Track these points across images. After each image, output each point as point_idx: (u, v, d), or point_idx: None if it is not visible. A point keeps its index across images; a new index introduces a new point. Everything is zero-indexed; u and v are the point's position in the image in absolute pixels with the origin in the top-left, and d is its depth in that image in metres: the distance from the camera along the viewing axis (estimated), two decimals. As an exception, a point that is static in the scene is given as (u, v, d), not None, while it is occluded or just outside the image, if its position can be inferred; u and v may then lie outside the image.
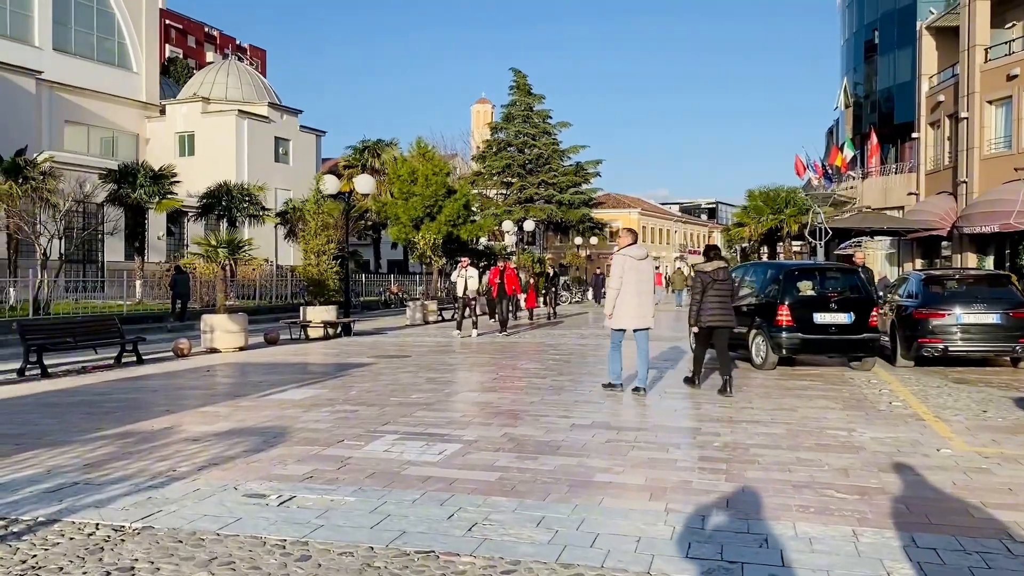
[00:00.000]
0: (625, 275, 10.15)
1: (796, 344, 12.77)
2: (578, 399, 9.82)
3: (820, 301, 13.05)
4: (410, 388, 10.73)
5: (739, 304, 13.49)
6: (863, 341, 12.92)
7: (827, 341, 12.98)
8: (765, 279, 14.00)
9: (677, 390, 10.66)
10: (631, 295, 10.13)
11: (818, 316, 12.80)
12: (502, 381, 11.48)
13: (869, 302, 13.23)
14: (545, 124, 66.43)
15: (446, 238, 40.32)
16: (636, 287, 10.16)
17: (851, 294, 13.33)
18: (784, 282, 13.24)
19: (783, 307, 12.77)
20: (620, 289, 10.15)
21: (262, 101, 45.30)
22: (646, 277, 10.27)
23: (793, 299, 12.92)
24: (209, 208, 33.61)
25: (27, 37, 39.14)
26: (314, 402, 9.59)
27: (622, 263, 10.19)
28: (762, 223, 33.23)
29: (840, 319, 12.85)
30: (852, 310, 12.89)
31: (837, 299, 13.08)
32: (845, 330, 12.86)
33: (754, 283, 14.36)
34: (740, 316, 13.18)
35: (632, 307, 10.14)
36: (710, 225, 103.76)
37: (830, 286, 13.69)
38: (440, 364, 13.81)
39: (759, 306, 13.40)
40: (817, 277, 13.91)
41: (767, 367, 12.91)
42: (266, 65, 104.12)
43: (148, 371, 13.25)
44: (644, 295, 10.22)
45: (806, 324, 12.74)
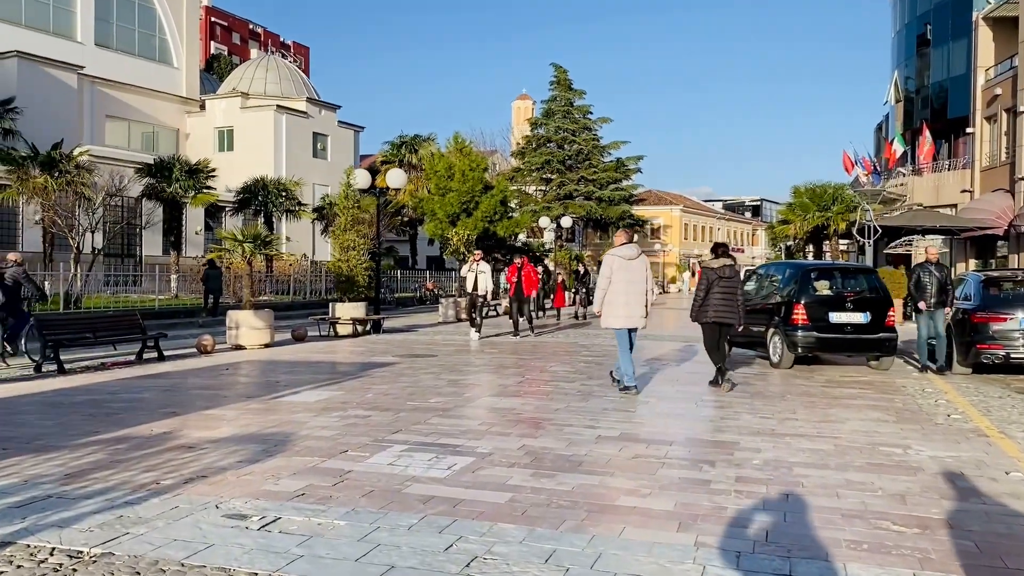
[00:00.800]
0: (614, 275, 10.12)
1: (811, 343, 12.81)
2: (607, 406, 9.17)
3: (836, 300, 13.11)
4: (429, 391, 10.18)
5: (758, 303, 13.97)
6: (880, 341, 12.98)
7: (843, 340, 13.02)
8: (783, 278, 14.05)
9: (714, 398, 9.95)
10: (620, 294, 10.09)
11: (834, 315, 12.85)
12: (527, 385, 10.87)
13: (886, 302, 13.24)
14: (585, 120, 65.56)
15: (482, 234, 39.80)
16: (626, 287, 10.09)
17: (868, 294, 13.39)
18: (801, 281, 13.30)
19: (799, 306, 12.84)
20: (608, 289, 10.12)
21: (300, 96, 45.20)
22: (637, 277, 10.17)
23: (809, 298, 12.99)
24: (245, 203, 33.51)
25: (70, 32, 39.44)
26: (327, 405, 9.08)
27: (611, 262, 10.19)
28: (808, 221, 32.08)
29: (856, 318, 12.89)
30: (868, 310, 12.94)
31: (853, 299, 13.12)
32: (861, 329, 12.90)
33: (772, 282, 14.49)
34: (759, 315, 13.64)
35: (621, 306, 10.10)
36: (754, 223, 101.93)
37: (847, 286, 13.82)
38: (465, 365, 13.25)
39: (776, 305, 13.46)
40: (835, 277, 14.07)
41: (783, 366, 12.97)
42: (309, 62, 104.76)
43: (167, 368, 12.88)
44: (634, 295, 10.13)
45: (822, 323, 12.81)
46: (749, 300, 14.53)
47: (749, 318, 14.09)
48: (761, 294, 14.52)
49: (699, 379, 11.67)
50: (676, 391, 10.53)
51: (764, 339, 13.64)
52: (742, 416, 8.71)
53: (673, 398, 9.96)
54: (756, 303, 14.09)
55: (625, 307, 10.08)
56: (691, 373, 12.49)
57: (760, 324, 13.68)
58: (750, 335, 14.06)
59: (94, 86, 39.49)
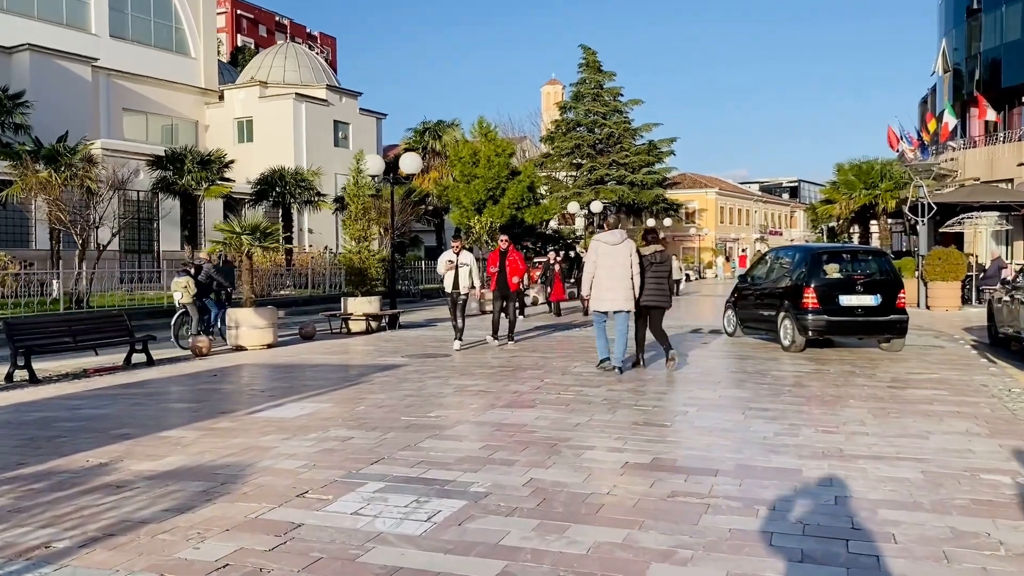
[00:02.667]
0: (599, 259, 10.57)
1: (822, 326, 12.88)
2: (636, 419, 7.71)
3: (846, 283, 13.17)
4: (431, 402, 8.80)
5: (768, 287, 14.49)
6: (891, 323, 13.04)
7: (853, 323, 13.07)
8: (793, 262, 14.19)
9: (765, 406, 8.44)
10: (605, 279, 10.53)
11: (844, 298, 12.93)
12: (545, 391, 9.43)
13: (896, 284, 13.35)
14: (616, 102, 63.74)
15: (510, 222, 38.34)
16: (610, 271, 10.51)
17: (878, 276, 13.47)
18: (811, 265, 13.37)
19: (809, 289, 12.89)
20: (594, 273, 10.59)
21: (320, 84, 44.01)
22: (621, 262, 10.51)
23: (820, 282, 13.02)
24: (263, 194, 32.38)
25: (84, 24, 38.60)
26: (306, 422, 7.74)
27: (595, 248, 10.66)
28: (854, 199, 30.12)
29: (866, 301, 12.96)
30: (879, 292, 13.02)
31: (863, 281, 13.22)
32: (871, 312, 12.96)
33: (782, 266, 14.60)
34: (769, 298, 14.17)
35: (606, 290, 10.54)
36: (792, 204, 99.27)
37: (857, 268, 13.87)
38: (478, 367, 11.84)
39: (787, 289, 13.58)
40: (845, 260, 14.11)
41: (794, 349, 13.05)
42: (336, 53, 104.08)
43: (151, 375, 11.66)
44: (619, 279, 10.51)
45: (832, 306, 12.86)
46: (758, 284, 15.17)
47: (758, 301, 14.71)
48: (771, 278, 14.73)
49: (745, 380, 10.15)
50: (719, 397, 9.04)
51: (775, 322, 13.73)
52: (801, 430, 7.21)
53: (715, 406, 8.47)
54: (766, 287, 14.63)
55: (609, 291, 10.52)
56: (735, 373, 10.96)
57: (770, 308, 13.98)
58: (760, 318, 14.56)
59: (110, 79, 38.62)
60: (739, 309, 15.58)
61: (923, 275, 23.16)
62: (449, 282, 14.32)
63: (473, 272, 14.20)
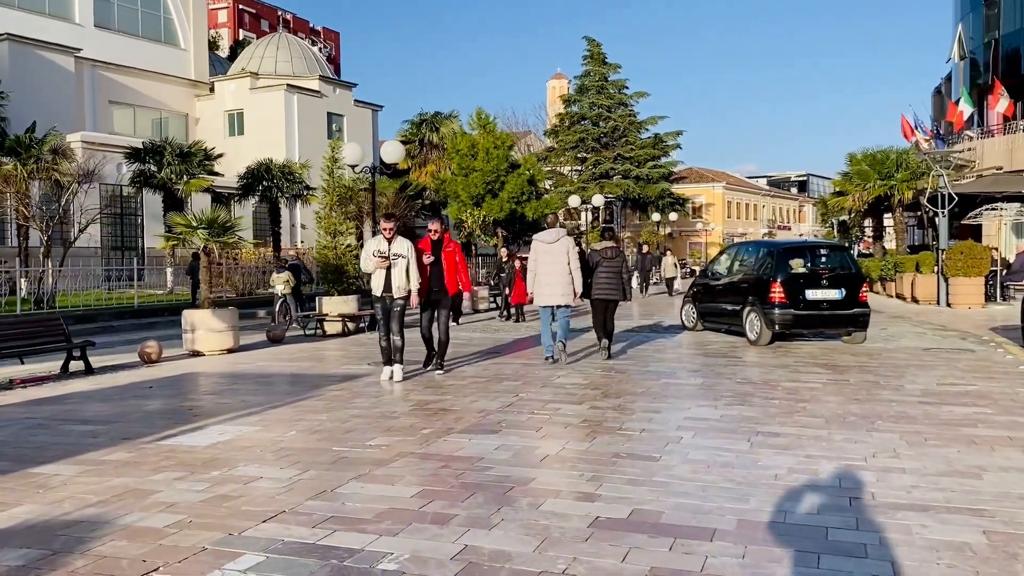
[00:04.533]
0: (539, 257, 11.10)
1: (789, 320, 13.07)
2: (619, 449, 6.30)
3: (811, 278, 13.32)
4: (378, 424, 7.41)
5: (731, 282, 14.64)
6: (854, 316, 13.34)
7: (819, 317, 13.31)
8: (757, 257, 14.26)
9: (775, 429, 7.01)
10: (543, 275, 11.03)
11: (810, 292, 13.13)
12: (516, 410, 8.02)
13: (859, 278, 13.71)
14: (621, 95, 62.25)
15: (509, 216, 37.05)
16: (548, 267, 10.99)
17: (841, 270, 13.69)
18: (777, 260, 13.53)
19: (776, 284, 13.06)
20: (536, 271, 11.14)
21: (313, 74, 42.62)
22: (559, 259, 10.96)
23: (786, 276, 13.20)
24: (249, 188, 31.03)
25: (67, 14, 37.31)
26: (215, 454, 6.36)
27: (535, 247, 11.25)
28: (868, 191, 28.55)
29: (831, 295, 13.21)
30: (843, 286, 13.28)
31: (828, 276, 13.39)
32: (836, 305, 13.22)
33: (746, 262, 14.68)
34: (732, 294, 14.32)
35: (545, 285, 11.05)
36: (800, 199, 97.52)
37: (821, 263, 13.94)
38: (451, 377, 10.44)
39: (752, 284, 13.68)
40: (808, 255, 14.18)
41: (761, 343, 13.17)
42: (340, 47, 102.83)
43: (80, 387, 10.31)
44: (557, 275, 10.97)
45: (798, 300, 13.05)
46: (720, 278, 15.21)
47: (721, 296, 14.81)
48: (735, 273, 14.79)
49: (751, 394, 8.72)
50: (719, 416, 7.61)
51: (738, 317, 13.86)
52: (820, 464, 5.80)
53: (715, 429, 7.05)
54: (729, 281, 14.72)
55: (548, 287, 11.04)
56: (741, 384, 9.52)
57: (735, 302, 14.05)
58: (723, 312, 14.65)
59: (95, 70, 37.32)
60: (699, 303, 15.68)
61: (943, 270, 21.66)
62: (379, 283, 9.89)
63: (412, 268, 9.88)
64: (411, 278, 9.92)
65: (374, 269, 9.91)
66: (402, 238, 10.03)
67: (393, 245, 9.94)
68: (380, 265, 9.81)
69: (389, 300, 9.98)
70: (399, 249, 9.92)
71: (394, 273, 9.88)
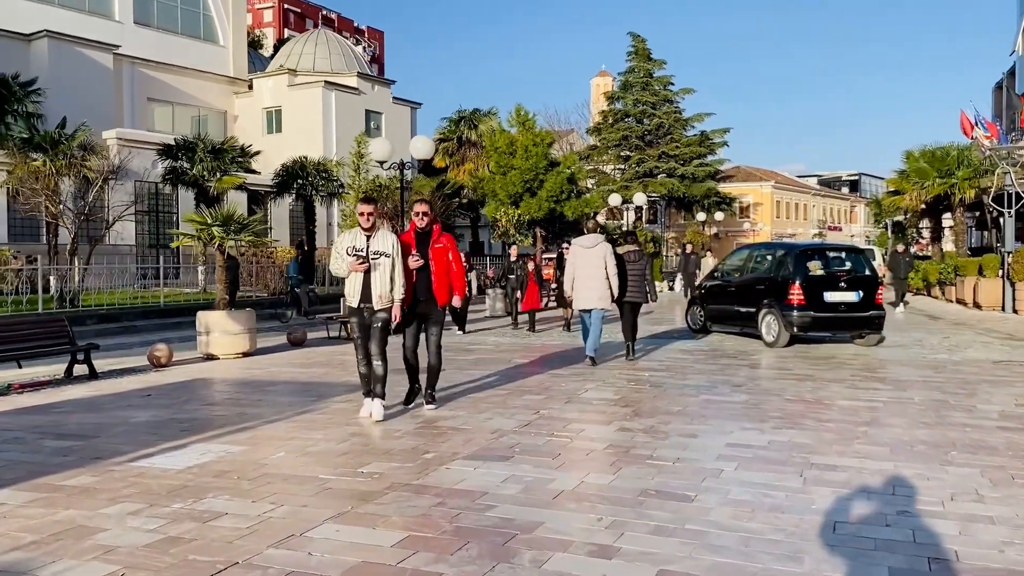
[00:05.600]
0: (576, 261, 11.22)
1: (807, 322, 13.09)
2: (648, 484, 5.39)
3: (830, 280, 13.44)
4: (377, 445, 6.59)
5: (744, 284, 14.57)
6: (870, 318, 13.38)
7: (837, 319, 13.34)
8: (773, 259, 14.36)
9: (832, 461, 6.03)
10: (581, 279, 11.13)
11: (828, 295, 13.20)
12: (535, 430, 7.14)
13: (875, 280, 13.75)
14: (666, 91, 60.80)
15: (548, 216, 36.07)
16: (585, 271, 11.10)
17: (858, 273, 13.79)
18: (795, 262, 13.56)
19: (795, 286, 13.07)
20: (574, 275, 11.21)
21: (351, 71, 42.09)
22: (596, 263, 11.06)
23: (805, 278, 13.22)
24: (284, 186, 30.55)
25: (107, 11, 37.20)
26: (186, 480, 5.60)
27: (573, 251, 11.41)
28: (926, 189, 27.06)
29: (849, 297, 13.28)
30: (860, 288, 13.37)
31: (846, 278, 13.50)
32: (853, 308, 13.27)
33: (761, 264, 14.77)
34: (746, 296, 14.19)
35: (583, 289, 11.14)
36: (852, 198, 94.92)
37: (838, 265, 14.13)
38: (468, 388, 9.59)
39: (770, 285, 13.65)
40: (826, 257, 14.29)
41: (779, 344, 13.14)
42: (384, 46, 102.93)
43: (76, 394, 9.70)
44: (595, 279, 11.05)
45: (817, 302, 13.08)
46: (732, 280, 15.13)
47: (733, 298, 14.67)
48: (749, 274, 14.78)
49: (804, 415, 7.72)
50: (767, 442, 6.65)
51: (752, 319, 13.81)
52: (887, 505, 4.85)
53: (762, 459, 6.09)
54: (742, 283, 14.65)
55: (586, 290, 11.12)
56: (791, 402, 8.52)
57: (749, 304, 13.97)
58: (735, 315, 14.50)
59: (134, 67, 37.20)
60: (709, 305, 15.42)
61: (1010, 274, 20.25)
62: (354, 291, 7.48)
63: (396, 268, 7.48)
64: (396, 284, 7.52)
65: (348, 273, 7.48)
66: (386, 232, 7.65)
67: (374, 240, 7.46)
68: (356, 268, 7.40)
69: (368, 313, 7.53)
70: (381, 246, 7.46)
71: (375, 278, 7.43)
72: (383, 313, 7.52)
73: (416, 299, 7.87)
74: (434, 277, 7.88)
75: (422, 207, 7.99)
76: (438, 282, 7.90)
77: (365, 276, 7.46)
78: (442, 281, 7.92)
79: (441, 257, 7.94)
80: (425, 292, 7.90)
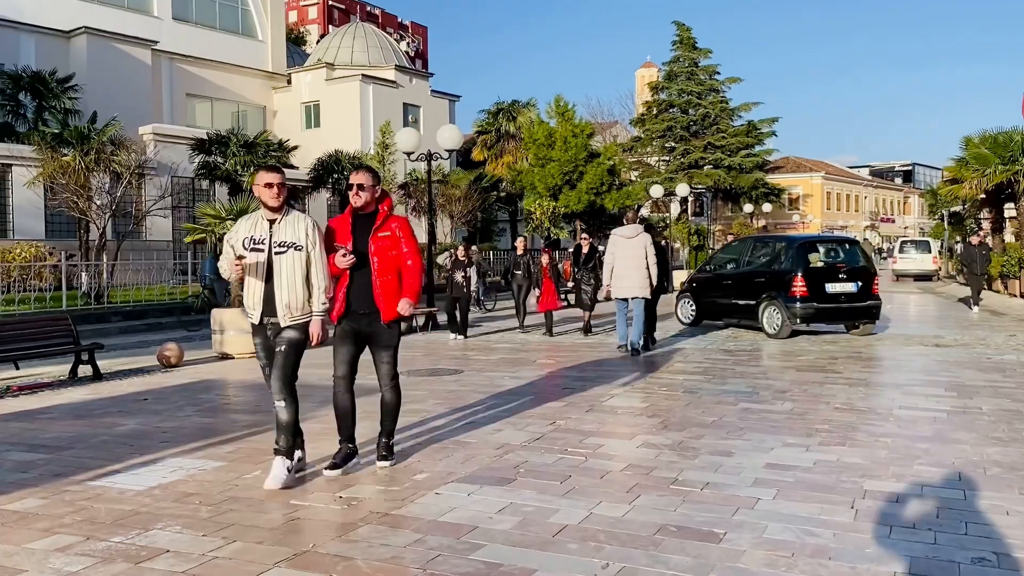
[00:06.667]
0: (617, 251, 11.40)
1: (811, 312, 13.36)
2: (668, 519, 4.57)
3: (830, 271, 13.79)
4: (346, 477, 5.86)
5: (742, 276, 14.66)
6: (868, 308, 13.79)
7: (838, 309, 13.64)
8: (773, 252, 14.59)
9: (889, 487, 5.14)
10: (622, 268, 11.32)
11: (829, 286, 13.51)
12: (546, 446, 6.36)
13: (871, 271, 14.17)
14: (712, 80, 59.32)
15: (588, 208, 35.23)
16: (626, 261, 11.29)
17: (856, 264, 14.17)
18: (798, 254, 13.84)
19: (798, 278, 13.28)
20: (614, 265, 11.41)
21: (389, 64, 41.60)
22: (637, 253, 11.24)
23: (807, 270, 13.46)
24: (319, 181, 30.16)
25: (146, 7, 37.22)
26: (142, 504, 4.93)
27: (614, 241, 11.55)
28: (987, 177, 25.56)
29: (848, 288, 13.63)
30: (858, 279, 13.74)
31: (845, 269, 13.84)
32: (852, 298, 13.65)
33: (759, 257, 14.88)
34: (744, 289, 14.29)
35: (624, 279, 11.32)
36: (906, 189, 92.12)
37: (836, 257, 14.37)
38: (483, 385, 8.83)
39: (770, 278, 13.89)
40: (823, 249, 14.58)
41: (781, 335, 13.36)
42: (427, 42, 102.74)
43: (72, 397, 9.17)
44: (635, 269, 11.24)
45: (819, 293, 13.37)
46: (727, 273, 15.25)
47: (729, 291, 14.72)
48: (746, 266, 14.87)
49: (855, 427, 6.80)
50: (813, 464, 5.76)
51: (752, 311, 14.00)
52: (957, 550, 3.98)
53: (805, 484, 5.22)
54: (739, 275, 14.76)
55: (626, 279, 11.31)
56: (841, 411, 7.60)
57: (748, 296, 14.10)
58: (732, 307, 14.62)
59: (172, 63, 37.17)
60: (701, 299, 15.44)
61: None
62: (255, 299, 5.40)
63: (315, 266, 5.39)
64: (314, 289, 5.32)
65: (234, 277, 5.34)
66: (299, 215, 5.41)
67: (279, 228, 5.29)
68: (235, 268, 5.20)
69: (273, 331, 5.33)
70: (289, 235, 5.27)
71: (279, 281, 5.24)
72: (292, 332, 5.25)
73: (352, 311, 5.52)
74: (377, 280, 5.44)
75: (359, 177, 5.53)
76: (384, 287, 5.46)
77: (266, 278, 5.23)
78: (390, 286, 5.49)
79: (384, 250, 5.48)
80: (365, 302, 5.47)
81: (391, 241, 5.54)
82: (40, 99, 29.27)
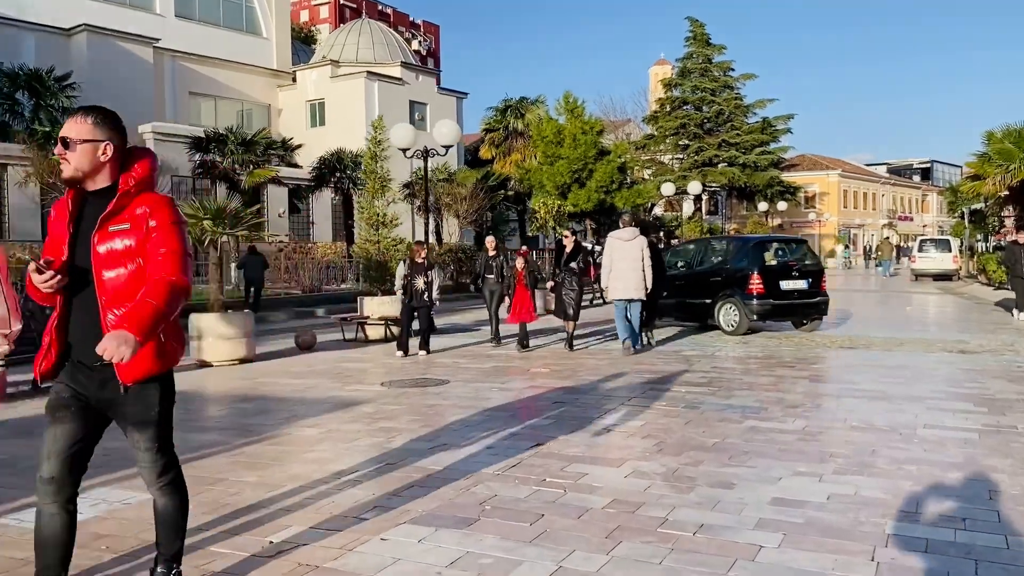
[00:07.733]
0: (614, 254, 11.61)
1: (768, 309, 13.87)
2: (649, 574, 3.81)
3: (784, 269, 14.31)
4: (314, 493, 5.14)
5: (698, 276, 14.88)
6: (818, 304, 14.46)
7: (791, 305, 14.17)
8: (729, 251, 15.04)
9: (917, 532, 4.36)
10: (618, 270, 11.56)
11: (783, 283, 14.01)
12: (523, 474, 5.61)
13: (820, 269, 14.90)
14: (726, 77, 58.35)
15: (598, 207, 34.45)
16: (624, 263, 11.52)
17: (806, 262, 14.86)
18: (753, 253, 14.29)
19: (755, 276, 13.69)
20: (611, 267, 11.61)
21: (395, 61, 40.95)
22: (634, 255, 11.50)
23: (763, 268, 13.92)
24: (321, 180, 29.52)
25: (148, 5, 36.74)
26: (11, 566, 4.22)
27: (611, 244, 11.75)
28: (1011, 173, 24.59)
29: (800, 285, 14.22)
30: (809, 276, 14.39)
31: (797, 267, 14.46)
32: (804, 295, 14.24)
33: (713, 256, 15.31)
34: (700, 288, 14.53)
35: (619, 280, 11.55)
36: (924, 187, 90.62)
37: (788, 255, 14.94)
38: (463, 406, 8.08)
39: (727, 277, 14.22)
40: (777, 247, 15.15)
41: (739, 332, 13.80)
42: (439, 41, 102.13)
43: (28, 411, 8.50)
44: (632, 271, 11.47)
45: (774, 291, 13.83)
46: (679, 274, 15.21)
47: (683, 291, 14.81)
48: (698, 268, 15.17)
49: (875, 450, 6.02)
50: (827, 498, 4.98)
51: (708, 310, 14.35)
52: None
53: (816, 526, 4.45)
54: (693, 276, 15.00)
55: (622, 281, 11.50)
56: (860, 428, 6.80)
57: (702, 296, 14.43)
58: (685, 307, 14.89)
59: (175, 60, 36.65)
60: None
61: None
62: None
63: None
64: None
65: None
66: None
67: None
68: None
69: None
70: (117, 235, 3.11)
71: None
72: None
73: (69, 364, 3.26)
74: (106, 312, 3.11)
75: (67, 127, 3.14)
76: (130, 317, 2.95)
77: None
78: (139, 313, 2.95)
79: (122, 258, 3.12)
80: (91, 350, 3.02)
81: (134, 240, 3.10)
82: (37, 97, 28.80)
